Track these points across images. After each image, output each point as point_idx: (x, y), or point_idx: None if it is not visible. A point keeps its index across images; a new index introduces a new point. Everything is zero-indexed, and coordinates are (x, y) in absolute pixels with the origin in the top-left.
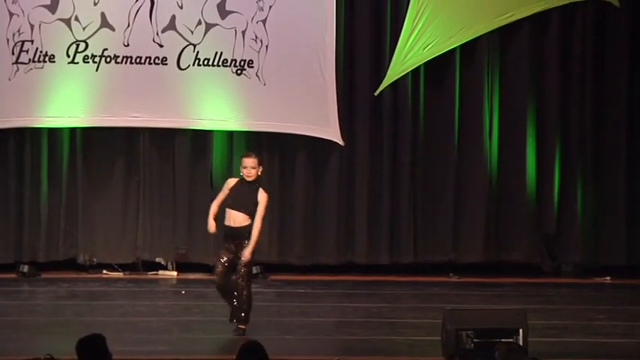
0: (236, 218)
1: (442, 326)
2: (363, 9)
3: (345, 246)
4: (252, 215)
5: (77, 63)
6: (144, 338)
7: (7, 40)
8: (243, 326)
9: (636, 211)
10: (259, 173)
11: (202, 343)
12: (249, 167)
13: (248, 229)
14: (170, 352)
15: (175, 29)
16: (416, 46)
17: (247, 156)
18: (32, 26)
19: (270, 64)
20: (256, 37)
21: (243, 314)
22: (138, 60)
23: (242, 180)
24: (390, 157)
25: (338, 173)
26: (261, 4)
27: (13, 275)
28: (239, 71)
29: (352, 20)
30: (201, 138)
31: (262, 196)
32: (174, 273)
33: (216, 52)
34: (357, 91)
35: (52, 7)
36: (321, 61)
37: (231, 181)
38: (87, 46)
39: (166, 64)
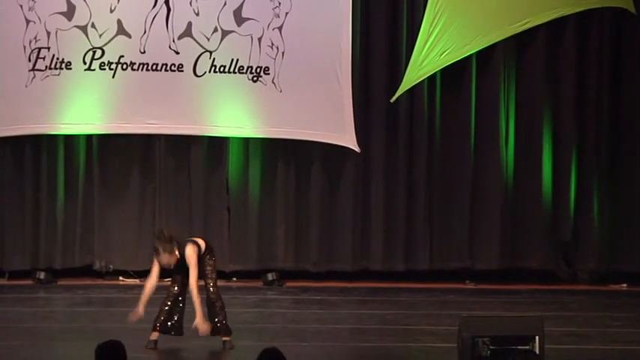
0: None
1: (458, 333)
2: (379, 16)
3: (360, 253)
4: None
5: (93, 70)
6: (160, 346)
7: (24, 47)
8: (227, 337)
9: None
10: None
11: (219, 350)
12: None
13: None
14: None
15: (191, 36)
16: (432, 52)
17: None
18: (49, 33)
19: (286, 70)
20: (272, 43)
21: (223, 325)
22: (154, 67)
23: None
24: (406, 164)
25: (353, 180)
26: (277, 10)
27: (30, 282)
28: (255, 78)
29: (368, 27)
30: (217, 145)
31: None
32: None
33: (232, 59)
34: (373, 98)
35: (69, 14)
36: (337, 68)
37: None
38: (103, 53)
39: (182, 70)
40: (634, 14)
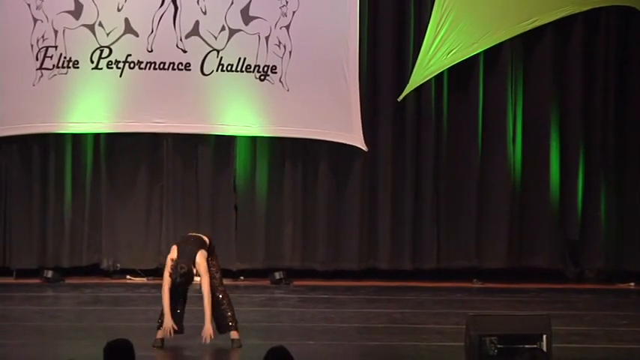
0: None
1: (465, 332)
2: (387, 14)
3: (367, 252)
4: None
5: (101, 69)
6: (168, 344)
7: (32, 45)
8: (237, 335)
9: None
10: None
11: (227, 348)
12: None
13: None
14: (195, 359)
15: (199, 35)
16: (439, 51)
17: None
18: (56, 32)
19: (293, 69)
20: (280, 42)
21: (232, 323)
22: (161, 66)
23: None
24: (413, 163)
25: (361, 178)
26: (284, 9)
27: (38, 281)
28: (262, 77)
29: (375, 26)
30: (224, 144)
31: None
32: (197, 279)
33: (240, 58)
34: (380, 97)
35: (76, 13)
36: (345, 67)
37: None
38: (111, 51)
39: (190, 69)
40: None
